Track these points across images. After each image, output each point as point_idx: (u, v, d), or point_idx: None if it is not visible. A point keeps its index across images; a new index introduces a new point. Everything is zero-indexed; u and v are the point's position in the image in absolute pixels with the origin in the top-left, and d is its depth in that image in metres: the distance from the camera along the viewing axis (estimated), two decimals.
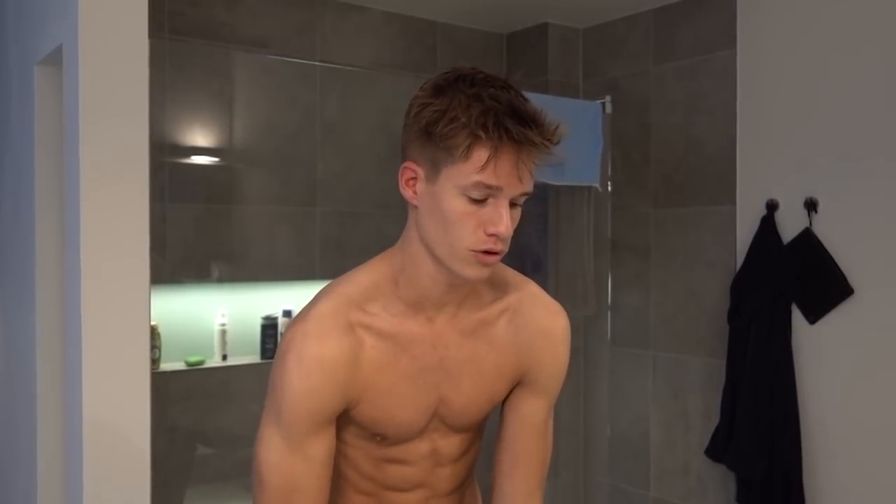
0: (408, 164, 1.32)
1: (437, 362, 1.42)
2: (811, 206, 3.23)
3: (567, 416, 4.13)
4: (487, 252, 1.28)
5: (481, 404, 1.48)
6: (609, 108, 3.84)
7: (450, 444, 1.50)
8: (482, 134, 1.22)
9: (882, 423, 3.08)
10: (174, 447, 3.36)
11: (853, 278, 3.13)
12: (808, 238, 3.24)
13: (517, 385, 1.52)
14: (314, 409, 1.33)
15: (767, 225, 3.36)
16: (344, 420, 1.40)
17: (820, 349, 3.24)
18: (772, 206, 3.35)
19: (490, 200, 1.26)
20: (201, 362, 3.41)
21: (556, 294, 3.77)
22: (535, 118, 1.25)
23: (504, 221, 1.26)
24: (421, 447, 1.47)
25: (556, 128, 1.28)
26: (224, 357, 3.47)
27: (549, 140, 1.26)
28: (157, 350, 3.26)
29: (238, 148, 3.54)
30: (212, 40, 3.44)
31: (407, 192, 1.33)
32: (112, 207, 2.29)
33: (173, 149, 3.35)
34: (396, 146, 1.35)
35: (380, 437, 1.43)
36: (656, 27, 3.84)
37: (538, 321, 1.50)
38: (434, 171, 1.27)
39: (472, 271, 1.30)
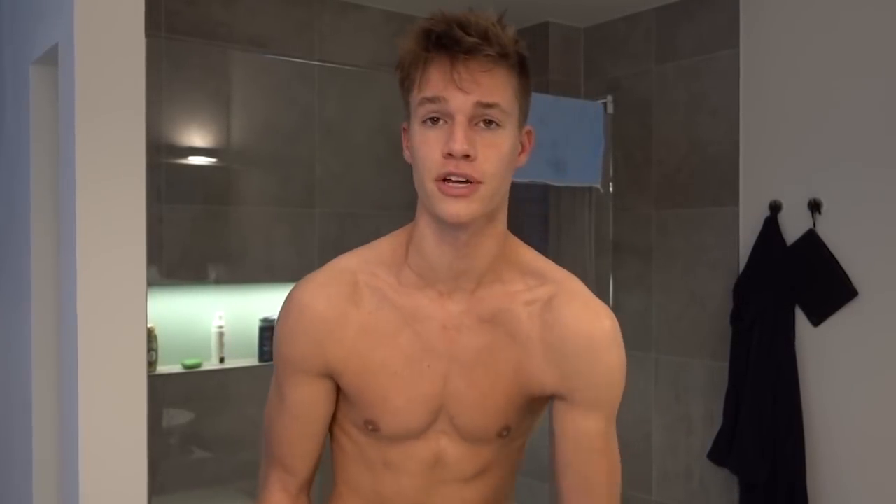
0: (403, 124, 1.28)
1: (445, 347, 1.28)
2: (815, 207, 3.22)
3: None
4: (449, 179, 1.17)
5: (497, 404, 1.29)
6: (611, 108, 3.82)
7: (459, 453, 1.32)
8: (415, 52, 1.18)
9: (887, 427, 3.06)
10: (171, 451, 3.36)
11: (857, 280, 3.12)
12: (811, 239, 3.22)
13: (559, 400, 1.30)
14: (289, 355, 1.32)
15: (771, 226, 3.34)
16: (341, 399, 1.35)
17: (824, 352, 3.22)
18: (775, 208, 3.33)
19: (447, 123, 1.17)
20: (198, 365, 3.40)
21: None
22: (471, 24, 1.17)
23: (456, 137, 1.15)
24: (423, 451, 1.31)
25: (505, 42, 1.19)
26: (221, 359, 3.45)
27: (485, 47, 1.16)
28: (153, 352, 3.25)
29: (236, 148, 3.53)
30: (209, 39, 3.43)
31: (406, 154, 1.27)
32: (108, 208, 2.27)
33: (170, 149, 3.33)
34: (396, 146, 1.32)
35: (372, 426, 1.30)
36: (658, 26, 3.82)
37: (574, 322, 1.28)
38: (407, 113, 1.24)
39: (445, 206, 1.18)
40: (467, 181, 1.17)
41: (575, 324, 1.28)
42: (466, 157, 1.16)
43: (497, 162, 1.19)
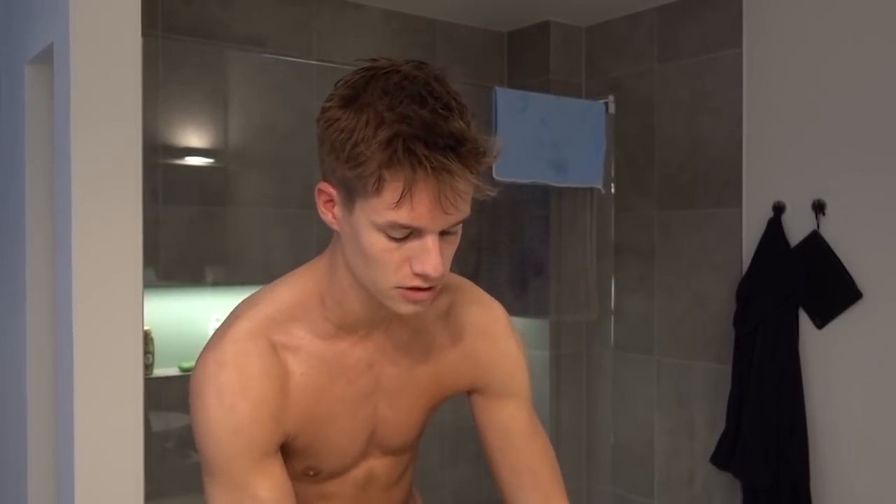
0: (322, 184, 1.16)
1: (374, 382, 1.29)
2: (819, 208, 3.20)
3: (569, 423, 4.10)
4: (417, 289, 1.12)
5: (419, 418, 1.36)
6: (612, 109, 3.79)
7: (385, 465, 1.37)
8: (392, 165, 1.03)
9: (891, 430, 3.04)
10: (168, 454, 3.34)
11: (862, 282, 3.10)
12: (815, 241, 3.21)
13: (476, 395, 1.39)
14: (247, 446, 1.15)
15: (774, 228, 3.32)
16: None
17: (828, 354, 3.20)
18: (779, 209, 3.31)
19: (414, 236, 1.09)
20: None
21: (558, 298, 3.79)
22: (459, 137, 1.04)
23: (432, 260, 1.08)
24: (356, 475, 1.34)
25: (485, 148, 1.07)
26: None
27: (474, 165, 1.06)
28: (150, 355, 3.24)
29: (233, 149, 3.50)
30: (206, 39, 3.41)
31: (326, 217, 1.17)
32: (104, 209, 2.27)
33: (167, 150, 3.31)
34: None
35: (313, 472, 1.30)
36: (660, 25, 3.80)
37: (473, 321, 1.36)
38: (349, 198, 1.10)
39: (404, 308, 1.14)
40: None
41: (477, 323, 1.36)
42: None
43: (453, 253, 1.16)
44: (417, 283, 1.11)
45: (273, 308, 1.23)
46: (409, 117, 1.03)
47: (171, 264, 3.31)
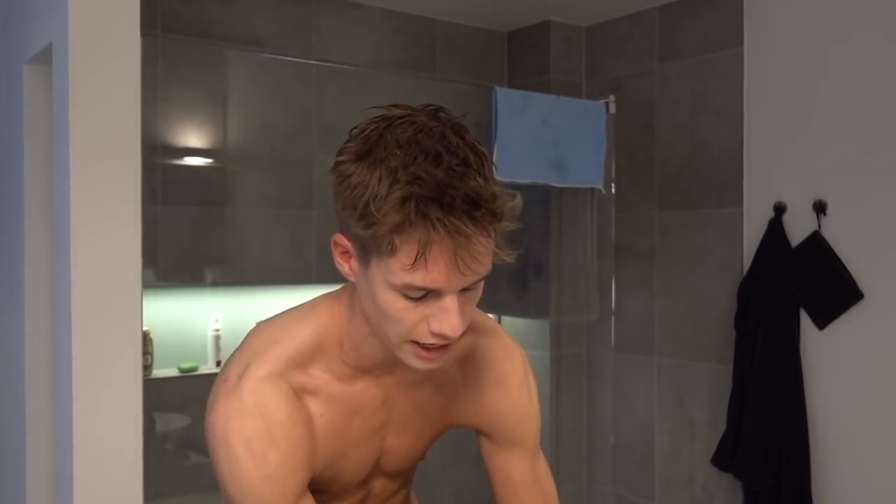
0: (338, 237, 1.13)
1: (385, 417, 1.30)
2: (820, 208, 3.19)
3: (570, 424, 4.09)
4: (433, 347, 1.10)
5: (423, 446, 1.38)
6: (613, 108, 3.78)
7: (384, 485, 1.39)
8: (405, 227, 0.99)
9: (893, 432, 3.03)
10: (167, 455, 3.33)
11: (863, 283, 3.09)
12: (816, 241, 3.20)
13: (483, 437, 1.40)
14: (281, 491, 1.14)
15: (775, 228, 3.31)
16: None
17: (829, 355, 3.20)
18: (779, 209, 3.31)
19: (432, 296, 1.06)
20: (195, 368, 3.37)
21: (558, 298, 3.78)
22: (474, 199, 1.00)
23: (451, 321, 1.06)
24: (358, 496, 1.37)
25: (502, 211, 1.03)
26: (218, 363, 3.42)
27: (491, 227, 1.02)
28: (149, 356, 3.24)
29: (232, 149, 3.50)
30: (205, 38, 3.40)
31: (343, 269, 1.14)
32: (103, 209, 2.26)
33: (166, 150, 3.31)
34: None
35: (318, 495, 1.30)
36: (661, 25, 3.79)
37: (491, 367, 1.34)
38: (364, 255, 1.08)
39: (419, 364, 1.12)
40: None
41: (494, 370, 1.35)
42: None
43: (473, 308, 1.14)
44: (435, 341, 1.09)
45: (293, 349, 1.20)
46: (422, 178, 0.99)
47: (171, 265, 3.30)
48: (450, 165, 1.00)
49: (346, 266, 1.14)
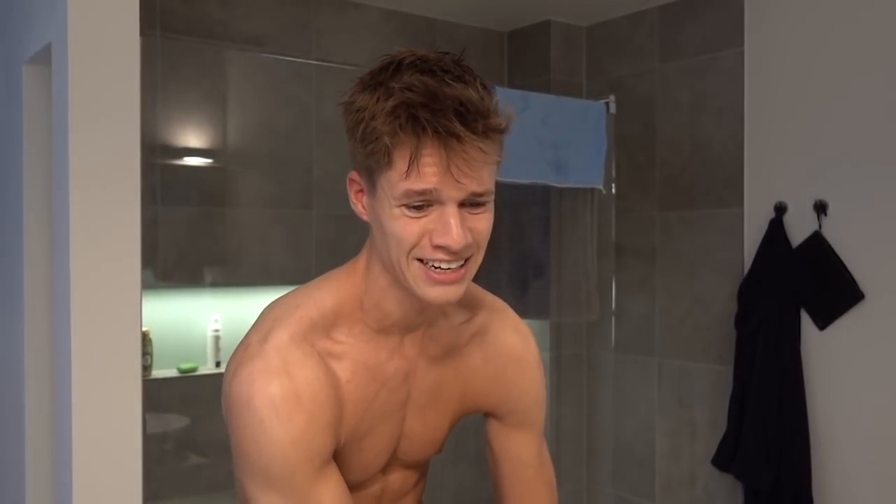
0: (352, 174, 1.16)
1: (406, 394, 1.28)
2: (821, 208, 3.18)
3: (570, 424, 4.09)
4: (441, 269, 1.10)
5: (442, 434, 1.37)
6: (613, 108, 3.77)
7: (401, 478, 1.38)
8: (398, 133, 1.03)
9: (894, 432, 3.02)
10: (166, 456, 3.33)
11: (864, 283, 3.08)
12: (817, 242, 3.19)
13: (493, 420, 1.41)
14: (307, 456, 1.12)
15: (776, 228, 3.31)
16: None
17: (830, 356, 3.19)
18: (780, 209, 3.30)
19: (434, 207, 1.07)
20: (194, 369, 3.36)
21: (558, 299, 3.78)
22: (464, 101, 1.03)
23: (452, 230, 1.06)
24: (373, 489, 1.33)
25: (489, 112, 1.05)
26: (217, 364, 3.42)
27: (481, 129, 1.04)
28: (148, 357, 3.23)
29: (232, 149, 3.49)
30: (205, 38, 3.40)
31: (357, 207, 1.17)
32: (102, 210, 2.26)
33: (165, 150, 3.30)
34: None
35: None
36: (662, 25, 3.78)
37: (510, 347, 1.38)
38: (371, 181, 1.11)
39: (430, 292, 1.11)
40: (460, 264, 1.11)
41: (513, 349, 1.38)
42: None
43: (483, 237, 1.13)
44: (440, 255, 1.08)
45: (317, 312, 1.19)
46: (414, 86, 1.03)
47: (170, 265, 3.29)
48: (442, 78, 1.04)
49: (359, 205, 1.17)
